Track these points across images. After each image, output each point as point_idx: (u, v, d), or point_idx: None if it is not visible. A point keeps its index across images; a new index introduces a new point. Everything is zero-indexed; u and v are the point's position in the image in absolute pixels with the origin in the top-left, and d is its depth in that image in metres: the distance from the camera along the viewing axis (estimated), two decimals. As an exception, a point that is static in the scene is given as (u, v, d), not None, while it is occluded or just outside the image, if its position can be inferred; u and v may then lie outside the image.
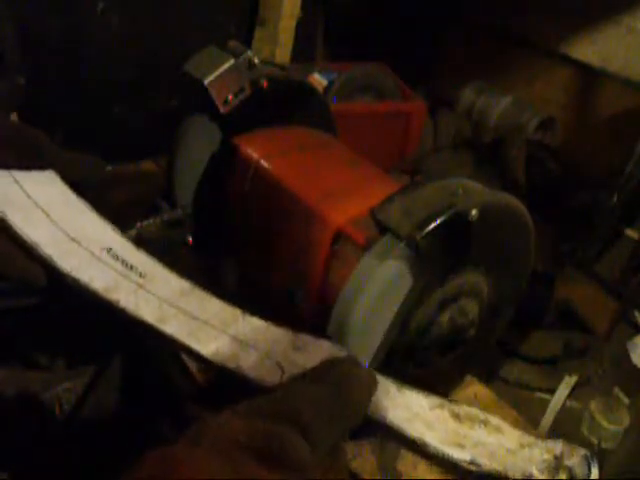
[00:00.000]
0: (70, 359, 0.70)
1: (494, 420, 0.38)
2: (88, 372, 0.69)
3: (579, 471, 0.34)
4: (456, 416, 0.38)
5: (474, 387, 0.67)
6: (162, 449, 0.28)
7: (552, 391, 0.84)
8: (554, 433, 0.78)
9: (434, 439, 0.36)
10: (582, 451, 0.35)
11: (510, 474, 0.35)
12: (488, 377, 0.82)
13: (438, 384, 0.54)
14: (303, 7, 1.19)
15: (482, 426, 0.37)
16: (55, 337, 0.71)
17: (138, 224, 0.62)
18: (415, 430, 0.36)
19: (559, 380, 0.85)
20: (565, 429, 0.78)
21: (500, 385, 0.85)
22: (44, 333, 0.70)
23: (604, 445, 0.75)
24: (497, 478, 0.35)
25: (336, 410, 0.32)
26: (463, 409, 0.38)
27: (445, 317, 0.53)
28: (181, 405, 0.63)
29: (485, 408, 0.39)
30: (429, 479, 0.56)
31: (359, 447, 0.56)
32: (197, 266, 0.65)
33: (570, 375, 0.85)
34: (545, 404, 0.83)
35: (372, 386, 0.36)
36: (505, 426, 0.37)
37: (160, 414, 0.64)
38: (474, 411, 0.38)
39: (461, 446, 0.36)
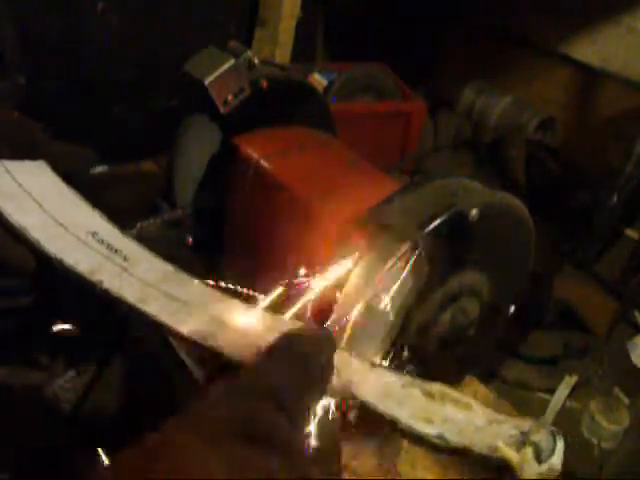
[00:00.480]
0: (70, 359, 0.70)
1: (465, 399, 0.38)
2: (88, 372, 0.69)
3: (545, 446, 0.35)
4: (428, 394, 0.38)
5: (474, 387, 0.67)
6: (153, 438, 0.29)
7: (552, 391, 0.84)
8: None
9: (403, 415, 0.37)
10: (549, 428, 0.36)
11: (477, 449, 0.35)
12: (488, 377, 0.82)
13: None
14: (303, 7, 1.19)
15: (453, 404, 0.38)
16: (55, 337, 0.71)
17: (138, 224, 0.62)
18: (386, 406, 0.37)
19: (559, 380, 0.85)
20: (565, 429, 0.78)
21: (500, 385, 0.85)
22: (44, 333, 0.70)
23: (604, 445, 0.75)
24: (464, 453, 0.35)
25: (301, 381, 0.34)
26: (435, 388, 0.39)
27: (446, 316, 0.53)
28: (180, 403, 0.63)
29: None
30: (428, 479, 0.56)
31: (359, 447, 0.56)
32: (197, 266, 0.65)
33: (570, 375, 0.85)
34: (545, 404, 0.83)
35: (329, 350, 0.38)
36: (476, 404, 0.38)
37: (160, 414, 0.64)
38: (446, 390, 0.39)
39: (430, 421, 0.37)
